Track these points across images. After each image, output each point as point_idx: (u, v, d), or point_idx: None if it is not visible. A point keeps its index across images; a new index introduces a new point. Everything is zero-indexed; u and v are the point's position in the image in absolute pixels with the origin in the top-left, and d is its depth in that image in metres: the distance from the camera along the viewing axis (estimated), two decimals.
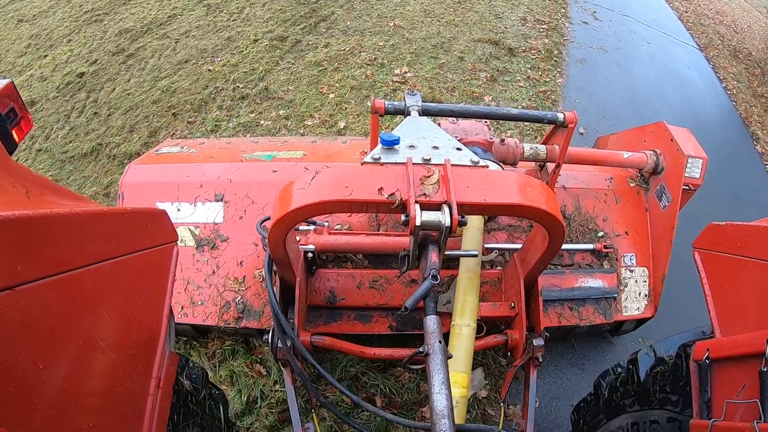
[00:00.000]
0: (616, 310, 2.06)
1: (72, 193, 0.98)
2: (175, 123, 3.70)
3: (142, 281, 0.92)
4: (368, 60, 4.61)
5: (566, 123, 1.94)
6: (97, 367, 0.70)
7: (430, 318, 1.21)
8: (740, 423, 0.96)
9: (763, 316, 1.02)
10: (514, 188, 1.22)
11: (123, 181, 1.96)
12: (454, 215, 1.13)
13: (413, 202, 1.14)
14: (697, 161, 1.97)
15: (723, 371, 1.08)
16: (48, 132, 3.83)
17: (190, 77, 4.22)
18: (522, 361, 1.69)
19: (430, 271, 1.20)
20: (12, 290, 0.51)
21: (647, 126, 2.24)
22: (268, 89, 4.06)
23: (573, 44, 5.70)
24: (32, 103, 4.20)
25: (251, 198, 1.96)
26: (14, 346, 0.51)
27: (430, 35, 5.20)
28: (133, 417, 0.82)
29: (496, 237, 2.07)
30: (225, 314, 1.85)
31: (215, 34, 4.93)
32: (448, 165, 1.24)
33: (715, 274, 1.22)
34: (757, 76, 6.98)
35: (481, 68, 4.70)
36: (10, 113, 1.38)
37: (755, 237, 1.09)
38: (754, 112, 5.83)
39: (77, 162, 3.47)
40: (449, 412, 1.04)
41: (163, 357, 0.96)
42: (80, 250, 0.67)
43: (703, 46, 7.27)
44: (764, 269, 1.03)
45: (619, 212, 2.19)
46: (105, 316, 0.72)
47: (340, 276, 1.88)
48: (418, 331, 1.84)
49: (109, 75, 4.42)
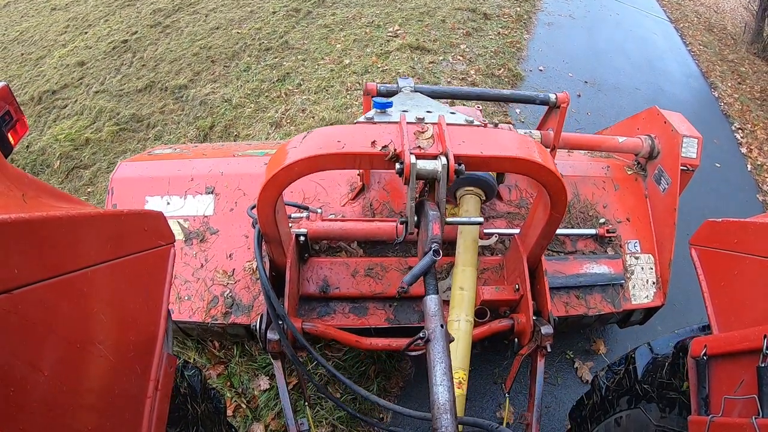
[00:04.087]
0: (624, 299, 1.97)
1: (68, 196, 0.98)
2: (214, 67, 4.46)
3: (140, 283, 0.91)
4: (367, 23, 5.43)
5: (558, 103, 1.92)
6: (95, 369, 0.69)
7: (431, 299, 1.09)
8: (738, 419, 0.94)
9: (760, 312, 1.01)
10: (512, 143, 1.20)
11: (113, 176, 1.93)
12: (451, 163, 1.09)
13: (408, 152, 1.10)
14: (693, 141, 1.94)
15: (721, 367, 1.06)
16: (102, 80, 4.55)
17: (222, 38, 5.00)
18: (529, 349, 1.58)
19: (430, 245, 1.11)
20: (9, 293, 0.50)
21: (639, 114, 2.24)
22: (287, 43, 4.85)
23: (543, 12, 6.55)
24: (82, 63, 4.90)
25: (243, 190, 1.92)
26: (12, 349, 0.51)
27: (419, 6, 6.04)
28: (132, 419, 0.81)
29: (495, 225, 2.02)
30: (213, 309, 1.77)
31: (239, 9, 5.75)
32: (442, 121, 1.21)
33: (712, 270, 1.21)
34: (729, 45, 7.63)
35: (459, 27, 5.54)
36: (6, 116, 1.35)
37: (752, 233, 1.08)
38: (716, 69, 6.46)
39: (133, 95, 4.20)
40: (451, 405, 0.95)
41: (162, 359, 0.95)
42: (77, 253, 0.67)
43: (675, 20, 7.99)
44: (761, 265, 1.02)
45: (619, 199, 2.14)
46: (102, 319, 0.72)
47: (334, 264, 1.80)
48: (419, 323, 1.77)
49: (151, 40, 5.19)
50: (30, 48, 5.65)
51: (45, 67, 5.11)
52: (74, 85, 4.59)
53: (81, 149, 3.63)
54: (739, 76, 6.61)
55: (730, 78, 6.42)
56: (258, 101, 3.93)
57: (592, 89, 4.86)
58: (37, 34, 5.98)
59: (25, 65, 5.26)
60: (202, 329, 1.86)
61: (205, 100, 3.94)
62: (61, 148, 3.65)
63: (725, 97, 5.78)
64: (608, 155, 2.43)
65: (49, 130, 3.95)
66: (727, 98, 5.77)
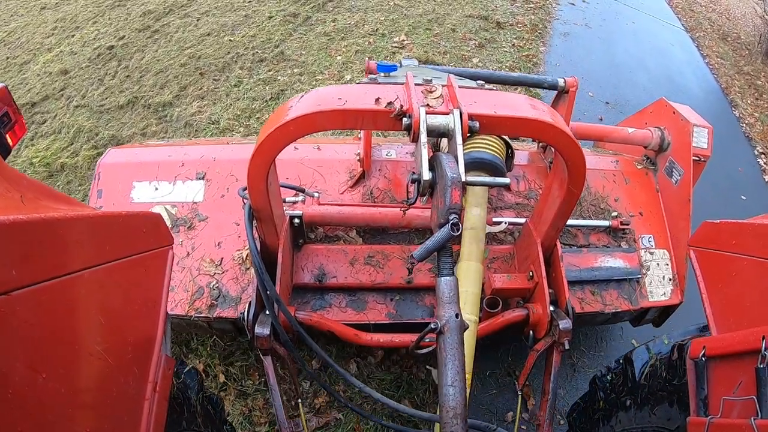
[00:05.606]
0: (641, 296, 1.87)
1: (67, 198, 0.97)
2: (202, 81, 4.14)
3: (138, 285, 0.91)
4: (371, 31, 5.08)
5: (567, 88, 1.84)
6: (93, 371, 0.69)
7: (445, 281, 0.95)
8: (737, 420, 0.94)
9: (758, 313, 1.01)
10: (525, 105, 1.14)
11: (101, 161, 1.87)
12: (464, 119, 0.98)
13: (417, 106, 1.01)
14: (703, 131, 1.89)
15: (719, 369, 1.06)
16: (84, 92, 4.25)
17: (213, 46, 4.67)
18: (545, 344, 1.48)
19: (448, 215, 0.93)
20: (7, 295, 0.50)
21: (646, 108, 2.17)
22: (283, 53, 4.52)
23: (558, 21, 6.17)
24: (65, 72, 4.61)
25: (236, 176, 1.82)
26: (9, 352, 0.51)
27: (426, 12, 5.67)
28: (130, 421, 0.80)
29: (503, 215, 1.93)
30: (197, 301, 1.63)
31: (233, 13, 5.40)
32: (452, 81, 1.11)
33: (710, 272, 1.21)
34: (744, 56, 7.31)
35: (471, 37, 5.18)
36: (4, 117, 1.33)
37: (750, 234, 1.07)
38: (735, 84, 6.16)
39: (114, 112, 3.90)
40: (463, 409, 0.88)
41: (160, 360, 0.94)
42: (75, 255, 0.66)
43: (690, 28, 7.65)
44: (759, 266, 1.02)
45: (630, 193, 2.07)
46: (100, 321, 0.72)
47: (331, 251, 1.67)
48: (424, 319, 1.63)
49: (138, 47, 4.87)
50: (16, 51, 5.37)
51: (28, 73, 4.84)
52: (55, 97, 4.30)
53: (56, 176, 3.35)
54: (756, 90, 6.28)
55: (749, 94, 6.10)
56: (248, 124, 3.63)
57: (613, 111, 4.50)
58: (24, 36, 5.68)
59: (9, 71, 4.99)
60: (186, 323, 1.72)
61: (191, 121, 3.63)
62: (35, 173, 3.37)
63: (746, 116, 5.47)
64: (614, 152, 2.35)
65: (25, 150, 3.68)
66: (748, 118, 5.45)
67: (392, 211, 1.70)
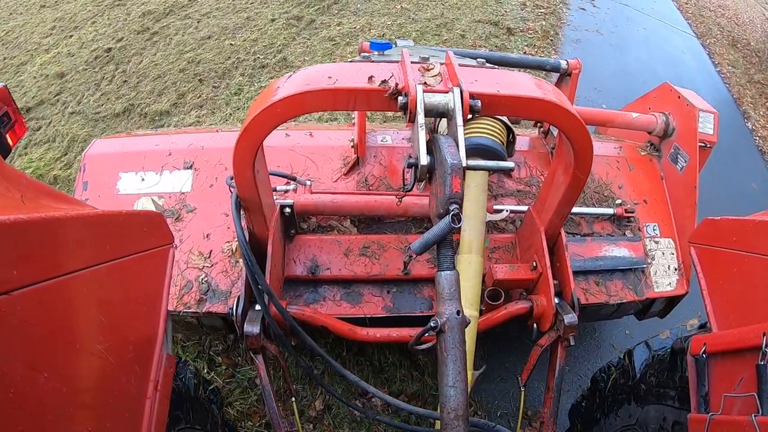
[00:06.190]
0: (647, 286, 1.82)
1: (67, 197, 0.97)
2: (201, 87, 4.01)
3: (139, 284, 0.91)
4: (377, 36, 4.93)
5: (569, 70, 1.79)
6: (94, 371, 0.69)
7: (446, 276, 0.90)
8: (738, 416, 0.94)
9: (759, 310, 1.00)
10: (529, 83, 1.08)
11: (86, 153, 1.80)
12: (465, 97, 0.92)
13: (413, 83, 0.95)
14: (709, 116, 1.83)
15: (720, 365, 1.06)
16: (80, 98, 4.14)
17: (213, 50, 4.53)
18: (550, 340, 1.41)
19: (448, 205, 0.87)
20: (8, 295, 0.50)
21: (650, 92, 2.09)
22: (286, 59, 4.38)
23: (569, 27, 6.01)
24: (61, 75, 4.51)
25: (224, 164, 1.77)
26: (11, 351, 0.51)
27: (435, 16, 5.51)
28: (131, 420, 0.81)
29: (503, 203, 1.87)
30: (186, 296, 1.58)
31: (235, 15, 5.25)
32: (451, 59, 1.05)
33: (711, 268, 1.20)
34: (754, 64, 7.17)
35: (480, 44, 5.02)
36: (4, 117, 1.34)
37: (750, 231, 1.07)
38: (746, 94, 6.03)
39: (110, 121, 3.78)
40: (465, 410, 0.85)
41: (161, 359, 0.94)
42: (76, 254, 0.66)
43: (700, 35, 7.50)
44: (760, 263, 1.02)
45: (634, 180, 2.01)
46: (101, 320, 0.72)
47: (324, 242, 1.61)
48: (422, 312, 1.58)
49: (136, 50, 4.74)
50: (13, 51, 5.26)
51: (25, 75, 4.73)
52: (51, 102, 4.18)
53: None
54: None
55: (761, 104, 5.97)
56: None
57: None
58: (23, 36, 5.56)
59: (5, 72, 4.88)
60: (174, 320, 1.66)
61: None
62: None
63: (759, 129, 5.34)
64: (617, 138, 2.27)
65: (19, 159, 3.56)
66: (761, 130, 5.32)
67: (388, 199, 1.63)
